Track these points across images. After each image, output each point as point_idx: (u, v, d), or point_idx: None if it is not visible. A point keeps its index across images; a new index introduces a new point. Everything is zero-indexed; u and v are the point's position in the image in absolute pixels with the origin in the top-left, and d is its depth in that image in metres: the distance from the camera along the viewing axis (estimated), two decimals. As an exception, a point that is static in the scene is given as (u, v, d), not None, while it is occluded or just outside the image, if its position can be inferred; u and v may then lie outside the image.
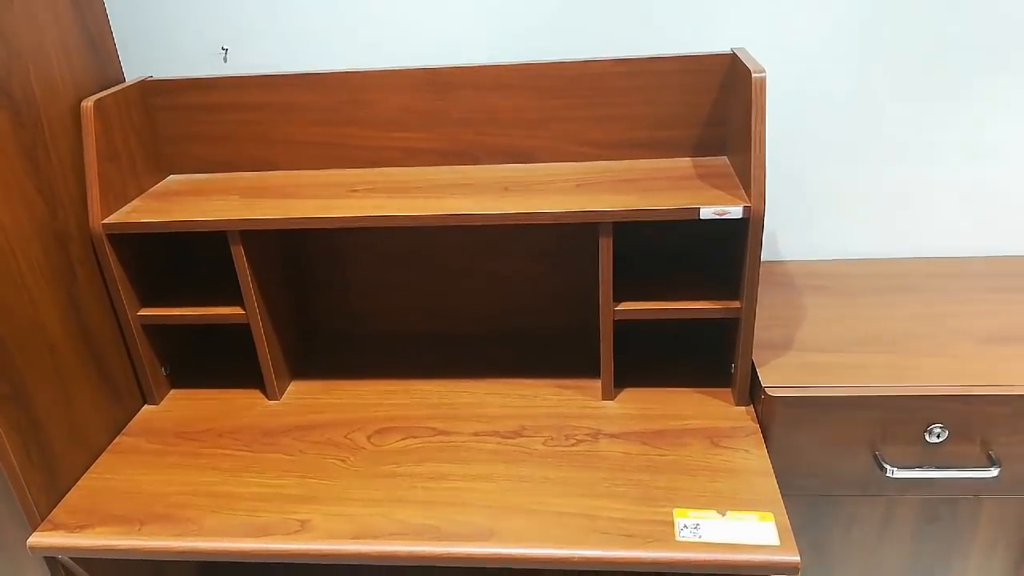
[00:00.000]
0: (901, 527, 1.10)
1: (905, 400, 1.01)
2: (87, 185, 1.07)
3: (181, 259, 1.28)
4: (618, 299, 1.09)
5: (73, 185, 1.06)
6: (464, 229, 1.26)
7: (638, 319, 1.08)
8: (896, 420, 1.02)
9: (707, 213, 1.00)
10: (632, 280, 1.14)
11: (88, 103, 1.06)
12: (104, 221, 1.07)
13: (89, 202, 1.07)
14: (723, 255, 1.17)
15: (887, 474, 1.03)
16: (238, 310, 1.13)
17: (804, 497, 1.09)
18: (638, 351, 1.25)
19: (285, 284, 1.23)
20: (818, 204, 1.33)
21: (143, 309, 1.15)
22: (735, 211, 0.99)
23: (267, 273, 1.16)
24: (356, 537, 0.92)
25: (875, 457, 1.04)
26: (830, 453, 1.05)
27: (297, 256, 1.29)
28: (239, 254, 1.08)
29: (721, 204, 1.00)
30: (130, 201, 1.15)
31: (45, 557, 0.98)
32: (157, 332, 1.19)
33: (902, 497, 1.08)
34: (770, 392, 1.02)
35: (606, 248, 1.03)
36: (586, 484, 0.98)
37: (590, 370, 1.20)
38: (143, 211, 1.11)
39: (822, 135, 1.27)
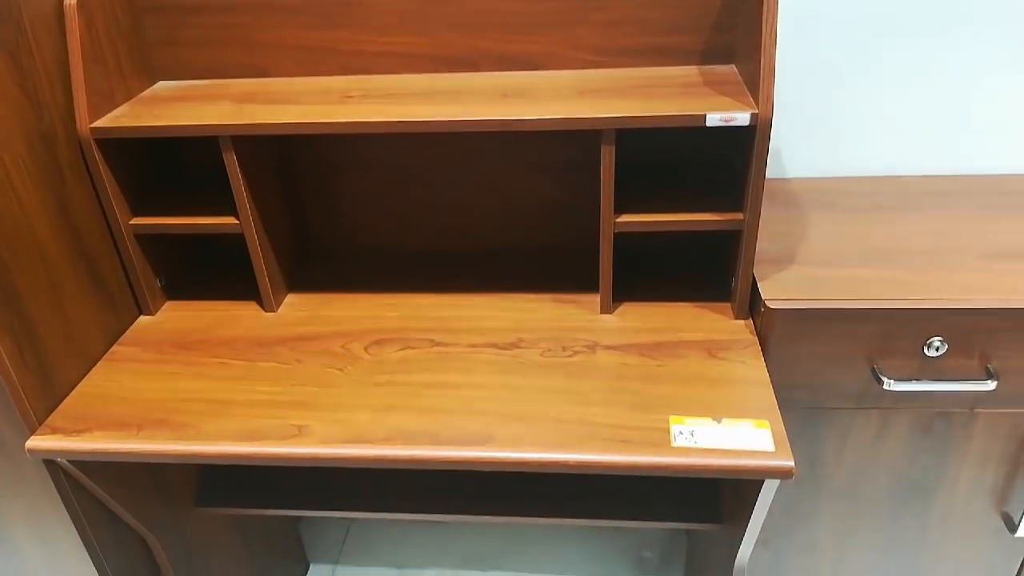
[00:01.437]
0: (894, 440, 1.11)
1: (905, 313, 1.00)
2: (73, 88, 1.04)
3: (172, 169, 1.25)
4: (619, 211, 1.07)
5: (59, 89, 1.03)
6: (462, 140, 1.23)
7: (639, 231, 1.07)
8: (895, 333, 1.01)
9: (713, 120, 0.97)
10: (634, 194, 1.12)
11: (71, 1, 1.02)
12: (92, 125, 1.04)
13: (76, 105, 1.04)
14: (727, 172, 1.15)
15: (884, 387, 1.03)
16: (232, 219, 1.11)
17: (799, 410, 1.09)
18: (639, 267, 1.23)
19: (279, 195, 1.21)
20: (825, 121, 1.30)
21: (135, 218, 1.13)
22: (742, 117, 0.96)
23: (260, 182, 1.13)
24: (353, 441, 0.92)
25: (872, 370, 1.04)
26: (828, 366, 1.05)
27: (290, 167, 1.26)
28: (231, 161, 1.05)
29: (728, 110, 0.97)
30: (118, 107, 1.11)
31: (45, 461, 0.99)
32: (150, 242, 1.17)
33: (897, 410, 1.08)
34: (770, 305, 1.02)
35: (608, 156, 1.01)
36: (583, 393, 0.98)
37: (590, 285, 1.19)
38: (132, 116, 1.08)
39: (831, 50, 1.23)
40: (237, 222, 1.11)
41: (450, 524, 1.88)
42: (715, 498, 1.23)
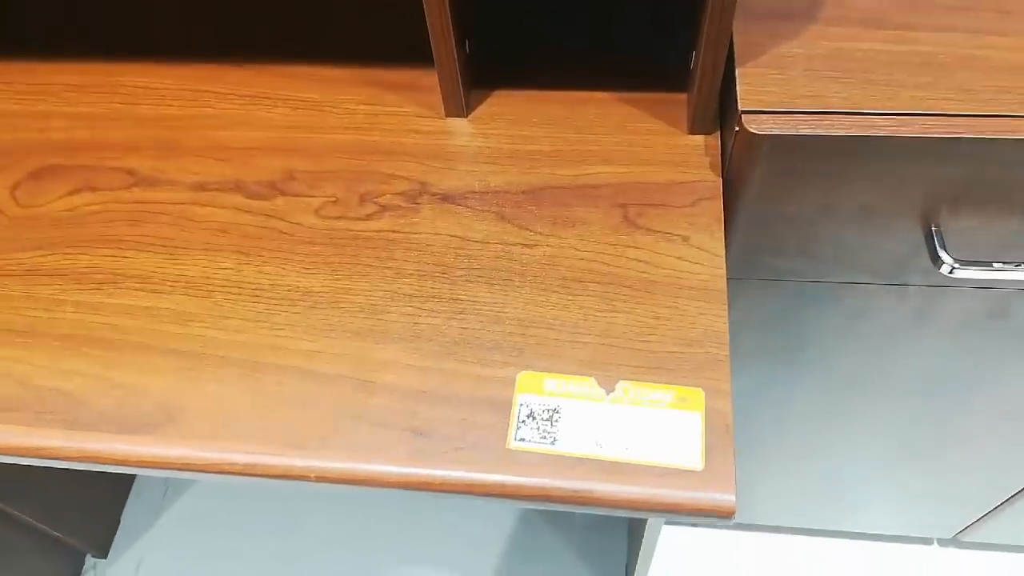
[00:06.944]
0: (941, 326, 0.67)
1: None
2: None
3: None
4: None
5: None
6: None
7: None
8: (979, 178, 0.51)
9: None
10: None
11: None
12: None
13: None
14: None
15: (942, 270, 0.56)
16: None
17: (789, 283, 0.64)
18: (527, 28, 0.68)
19: None
20: None
21: None
22: None
23: None
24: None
25: (932, 232, 0.56)
26: (851, 226, 0.57)
27: None
28: None
29: None
30: None
31: None
32: None
33: (950, 289, 0.62)
34: (751, 127, 0.50)
35: None
36: (366, 309, 0.52)
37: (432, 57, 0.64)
38: None
39: None
40: None
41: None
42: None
